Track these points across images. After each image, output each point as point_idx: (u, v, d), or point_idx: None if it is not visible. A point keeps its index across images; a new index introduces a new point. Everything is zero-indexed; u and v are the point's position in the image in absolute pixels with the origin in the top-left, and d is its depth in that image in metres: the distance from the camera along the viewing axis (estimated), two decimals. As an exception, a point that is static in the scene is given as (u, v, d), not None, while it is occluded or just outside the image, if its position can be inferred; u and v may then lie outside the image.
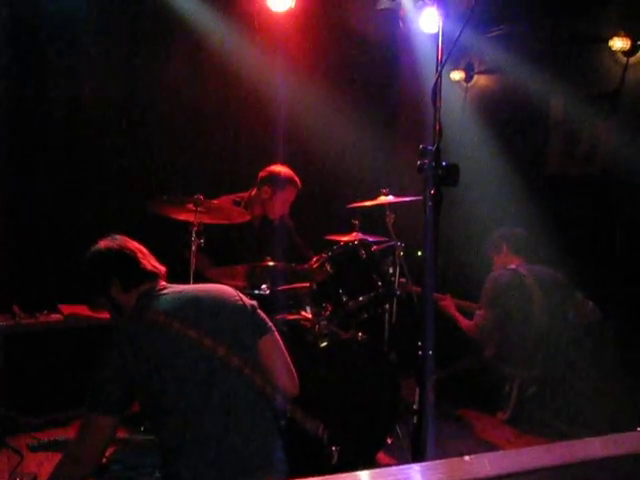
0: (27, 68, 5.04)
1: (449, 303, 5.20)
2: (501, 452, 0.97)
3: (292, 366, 2.76)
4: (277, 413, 2.63)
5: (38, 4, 4.94)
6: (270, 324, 2.75)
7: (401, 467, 0.88)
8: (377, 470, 0.93)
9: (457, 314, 5.16)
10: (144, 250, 2.79)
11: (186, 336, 2.47)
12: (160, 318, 2.51)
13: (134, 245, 2.77)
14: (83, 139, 5.33)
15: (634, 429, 1.16)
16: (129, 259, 2.70)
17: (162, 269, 2.79)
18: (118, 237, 2.77)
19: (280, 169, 4.72)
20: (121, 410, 2.43)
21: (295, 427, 2.77)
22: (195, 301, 2.62)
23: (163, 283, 2.73)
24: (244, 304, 2.70)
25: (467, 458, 0.93)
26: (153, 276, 2.72)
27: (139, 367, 2.43)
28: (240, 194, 4.83)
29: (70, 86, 5.24)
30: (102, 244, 2.74)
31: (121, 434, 2.87)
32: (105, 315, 3.24)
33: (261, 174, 4.75)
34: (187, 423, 2.43)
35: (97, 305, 2.80)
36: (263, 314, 2.76)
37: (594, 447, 1.04)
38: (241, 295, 2.75)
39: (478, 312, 5.06)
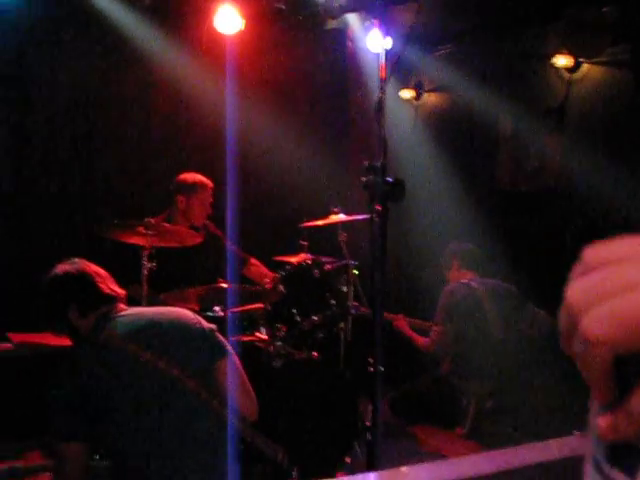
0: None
1: (402, 323, 5.22)
2: (439, 462, 0.97)
3: (251, 390, 2.74)
4: (236, 438, 2.60)
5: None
6: (228, 347, 2.72)
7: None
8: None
9: (412, 333, 5.17)
10: (103, 273, 2.75)
11: (141, 359, 2.44)
12: (115, 341, 2.48)
13: (92, 268, 2.73)
14: (28, 163, 5.27)
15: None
16: (86, 283, 2.65)
17: (121, 292, 2.75)
18: (77, 261, 2.73)
19: (185, 175, 4.73)
20: (86, 435, 2.38)
21: (254, 452, 2.73)
22: (152, 324, 2.59)
23: (122, 306, 2.69)
24: (202, 327, 2.67)
25: (404, 469, 0.92)
26: (111, 299, 2.67)
27: (91, 391, 2.40)
28: (159, 216, 4.66)
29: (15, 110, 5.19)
30: (60, 268, 2.70)
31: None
32: (57, 341, 3.18)
33: (169, 188, 4.74)
34: (141, 448, 2.39)
35: (58, 330, 2.76)
36: (222, 337, 2.73)
37: (532, 453, 1.05)
38: (199, 318, 2.72)
39: (434, 328, 5.07)
